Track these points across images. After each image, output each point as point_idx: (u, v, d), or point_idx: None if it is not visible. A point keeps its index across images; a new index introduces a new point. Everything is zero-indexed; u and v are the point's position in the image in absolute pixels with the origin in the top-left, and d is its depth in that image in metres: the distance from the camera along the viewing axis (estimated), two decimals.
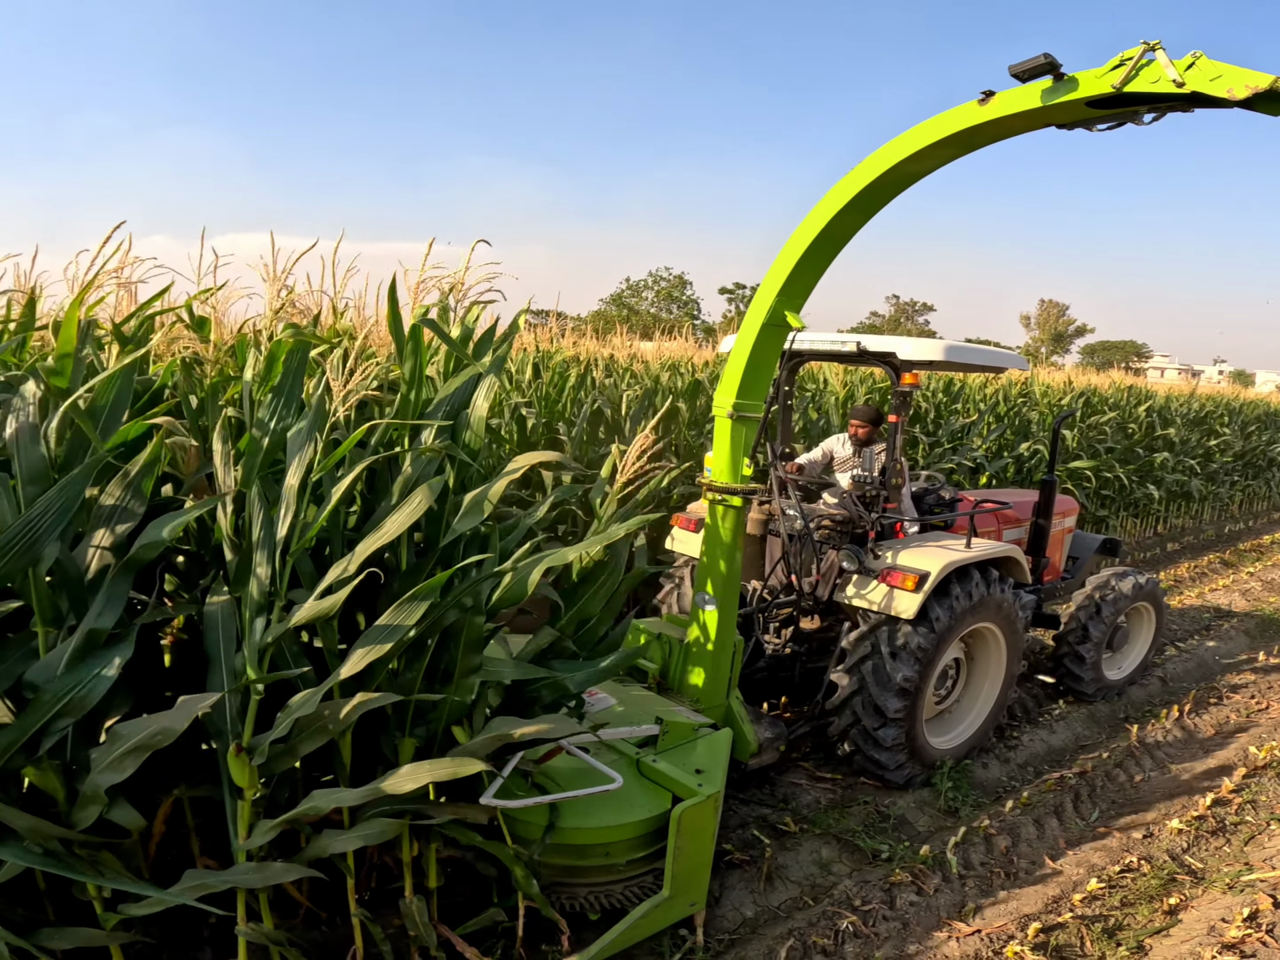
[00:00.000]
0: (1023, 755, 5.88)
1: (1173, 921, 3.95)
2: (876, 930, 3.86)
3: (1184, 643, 8.49)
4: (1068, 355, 72.74)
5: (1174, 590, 10.55)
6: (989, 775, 5.57)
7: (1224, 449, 15.07)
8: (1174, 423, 13.99)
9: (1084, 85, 3.24)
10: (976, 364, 5.50)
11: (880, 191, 3.97)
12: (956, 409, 10.97)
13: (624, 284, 62.01)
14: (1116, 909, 4.05)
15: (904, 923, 3.93)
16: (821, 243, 4.10)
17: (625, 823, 3.55)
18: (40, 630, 2.45)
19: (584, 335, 11.74)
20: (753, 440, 4.44)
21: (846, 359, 5.64)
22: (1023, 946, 3.64)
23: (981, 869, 4.41)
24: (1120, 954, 3.72)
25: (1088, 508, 11.71)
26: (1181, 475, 13.57)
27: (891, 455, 5.19)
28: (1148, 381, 18.08)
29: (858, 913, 3.93)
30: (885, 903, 4.05)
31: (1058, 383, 14.02)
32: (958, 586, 4.90)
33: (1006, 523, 6.51)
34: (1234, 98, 2.93)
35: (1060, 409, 12.12)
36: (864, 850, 4.57)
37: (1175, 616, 9.31)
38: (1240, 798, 5.12)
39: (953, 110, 3.65)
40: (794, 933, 3.80)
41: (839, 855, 4.56)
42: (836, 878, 4.36)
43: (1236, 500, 16.14)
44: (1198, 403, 15.44)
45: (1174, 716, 6.47)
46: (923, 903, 4.09)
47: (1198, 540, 13.79)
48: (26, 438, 2.30)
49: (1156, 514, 13.72)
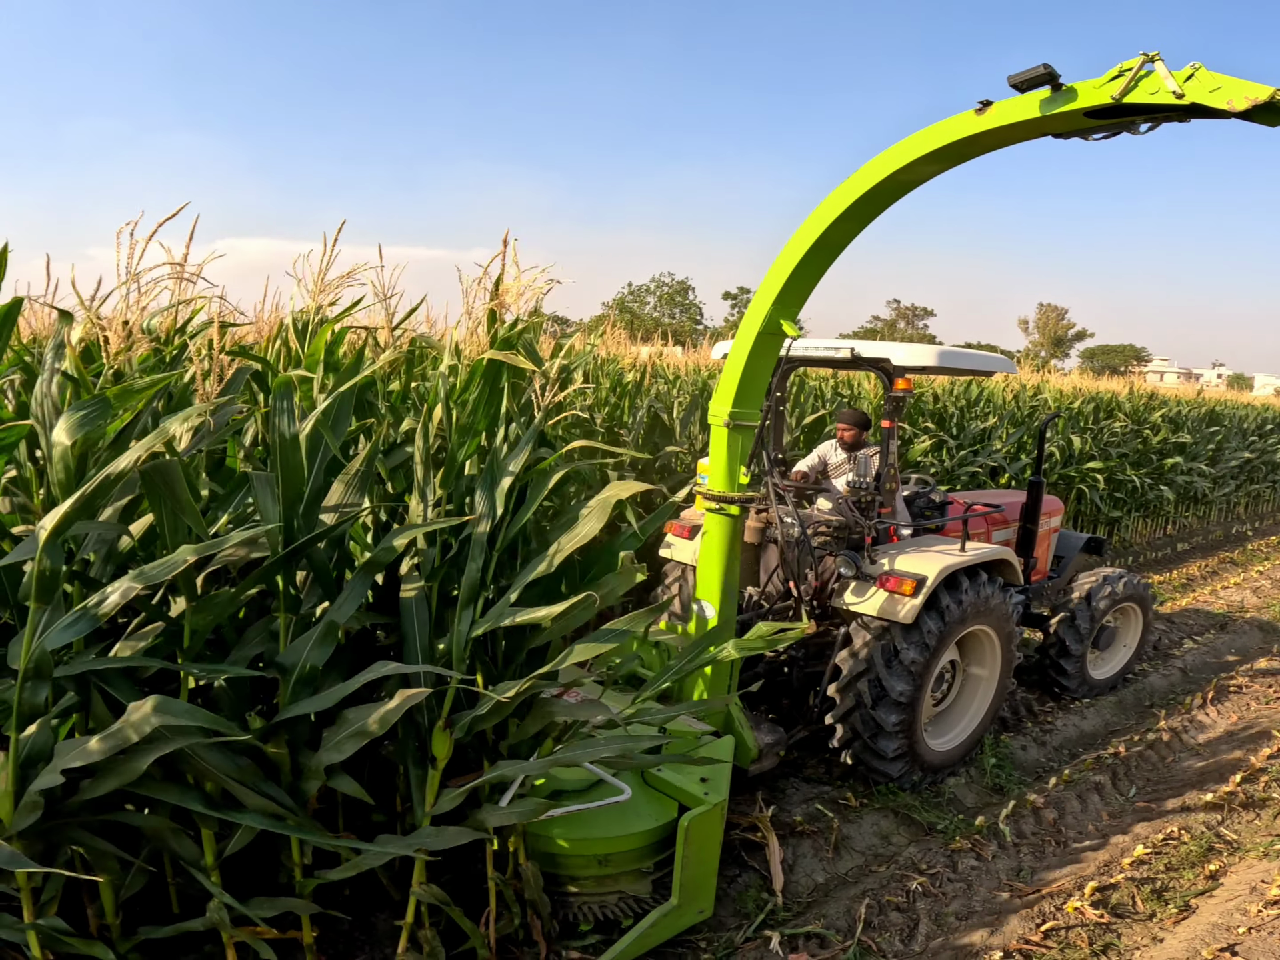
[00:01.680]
0: (1057, 739, 6.21)
1: (1215, 884, 4.27)
2: (943, 890, 4.19)
3: (1200, 636, 8.83)
4: (1067, 360, 73.24)
5: (1187, 588, 10.90)
6: (1028, 757, 5.90)
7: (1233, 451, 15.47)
8: (1184, 426, 14.37)
9: (1083, 96, 3.25)
10: (968, 368, 5.58)
11: (876, 199, 3.95)
12: (976, 413, 11.32)
13: (627, 288, 62.57)
14: (1162, 873, 4.37)
15: (968, 884, 4.25)
16: (817, 250, 4.08)
17: (633, 832, 3.58)
18: (281, 617, 2.76)
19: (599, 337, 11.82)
20: (749, 448, 4.45)
21: (840, 364, 5.66)
22: (1082, 903, 3.96)
23: (1033, 838, 4.74)
24: (1169, 911, 4.05)
25: (1101, 509, 12.08)
26: (1193, 478, 13.95)
27: (885, 460, 5.21)
28: (1147, 385, 18.45)
29: (925, 875, 4.26)
30: (948, 867, 4.38)
31: (1068, 388, 14.38)
32: (954, 590, 4.93)
33: (994, 524, 6.56)
34: (1234, 109, 2.94)
35: (1073, 412, 12.47)
36: (920, 823, 4.89)
37: (1190, 612, 9.66)
38: (1267, 775, 5.45)
39: (949, 119, 3.64)
40: (868, 893, 4.13)
41: (897, 828, 4.89)
42: (898, 847, 4.69)
43: (1242, 502, 16.53)
44: (1205, 407, 15.83)
45: (1198, 703, 6.81)
46: (983, 867, 4.42)
47: (1206, 540, 14.17)
48: (288, 444, 2.60)
49: (1166, 515, 14.09)
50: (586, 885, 3.60)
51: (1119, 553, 12.78)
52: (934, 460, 9.56)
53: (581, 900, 3.60)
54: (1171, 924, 3.96)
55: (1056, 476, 11.42)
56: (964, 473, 9.98)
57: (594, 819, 3.57)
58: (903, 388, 5.12)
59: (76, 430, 2.18)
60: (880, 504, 5.17)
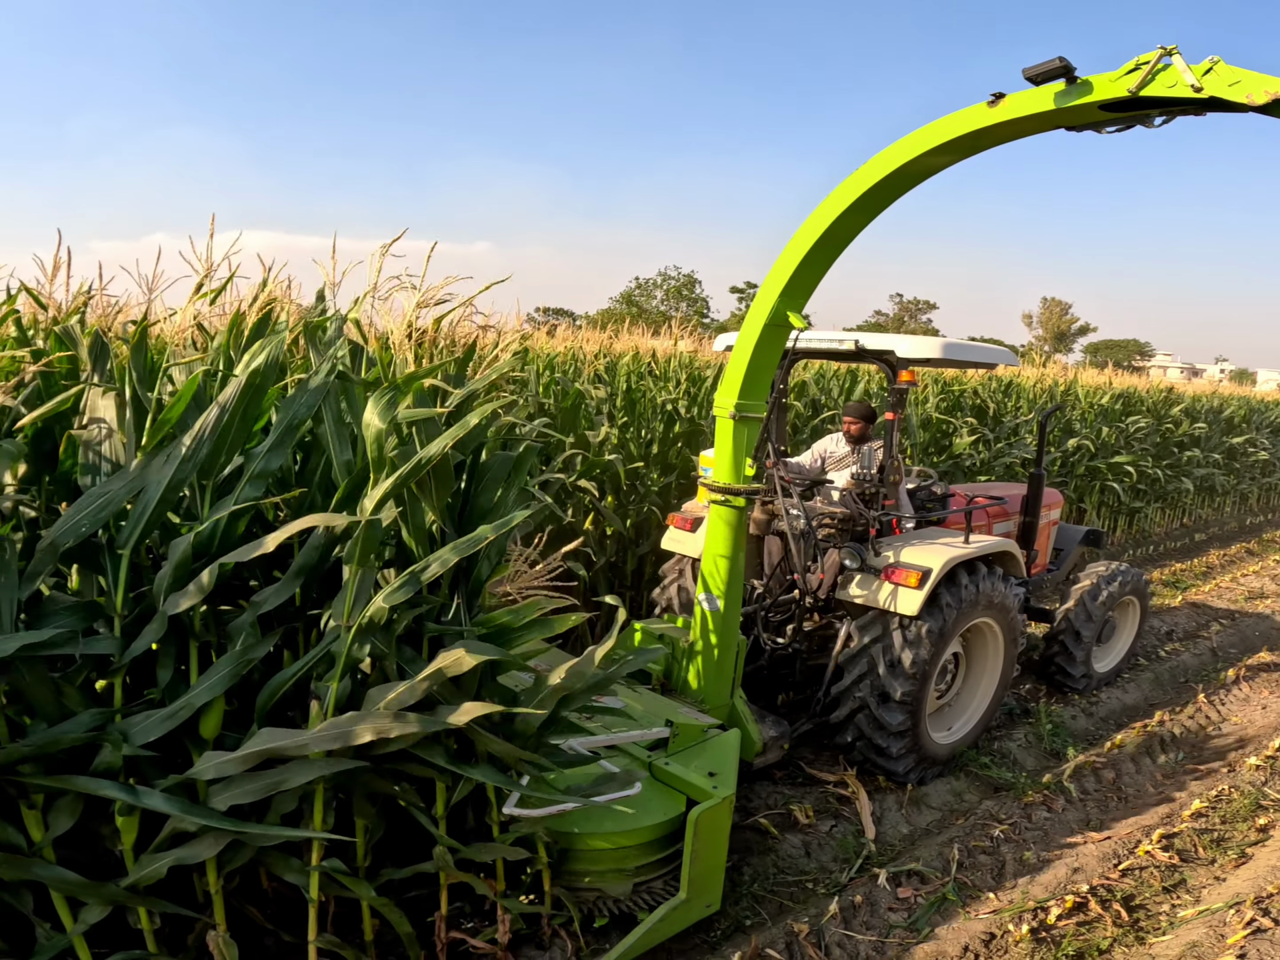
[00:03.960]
0: (1104, 710, 6.64)
1: (1265, 837, 4.70)
2: (1023, 837, 4.61)
3: (1226, 619, 9.26)
4: (1070, 354, 73.63)
5: (1208, 575, 11.33)
6: (1078, 725, 6.32)
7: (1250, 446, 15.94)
8: (1201, 418, 14.81)
9: (1099, 89, 3.20)
10: (971, 360, 5.53)
11: (885, 192, 3.92)
12: (1008, 407, 11.74)
13: (634, 282, 62.88)
14: (1219, 825, 4.80)
15: (1044, 831, 4.68)
16: (824, 243, 4.04)
17: (642, 826, 3.52)
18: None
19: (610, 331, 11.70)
20: (755, 440, 4.41)
21: (844, 357, 5.62)
22: (1151, 847, 4.39)
23: (1096, 794, 5.17)
24: (1229, 857, 4.47)
25: (1123, 499, 12.50)
26: (1211, 470, 14.40)
27: (889, 453, 5.17)
28: (1150, 380, 18.85)
29: (1004, 824, 4.68)
30: (1023, 817, 4.80)
31: (1090, 383, 14.80)
32: (958, 582, 4.92)
33: (995, 517, 6.53)
34: (1253, 103, 2.90)
35: (1101, 407, 12.89)
36: (989, 781, 5.32)
37: (1214, 597, 10.09)
38: None
39: (961, 111, 3.59)
40: (954, 840, 4.55)
41: (969, 786, 5.31)
42: (971, 803, 5.11)
43: (1255, 495, 16.99)
44: (1218, 401, 16.28)
45: (1231, 679, 7.24)
46: (1055, 818, 4.84)
47: (1223, 531, 14.63)
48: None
49: (1184, 506, 14.54)
50: (609, 880, 3.54)
51: (1139, 542, 13.23)
52: (973, 452, 9.98)
53: (598, 896, 3.54)
54: (1232, 867, 4.38)
55: (1084, 469, 11.84)
56: (1000, 464, 10.40)
57: (603, 813, 3.51)
58: (906, 380, 5.07)
59: (384, 415, 2.55)
60: (884, 496, 5.17)
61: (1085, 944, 3.67)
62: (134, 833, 2.49)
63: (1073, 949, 3.61)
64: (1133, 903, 4.00)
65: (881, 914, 3.90)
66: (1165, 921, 3.92)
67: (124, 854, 2.51)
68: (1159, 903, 4.08)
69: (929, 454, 9.69)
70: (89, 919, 2.43)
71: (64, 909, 2.46)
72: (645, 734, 3.90)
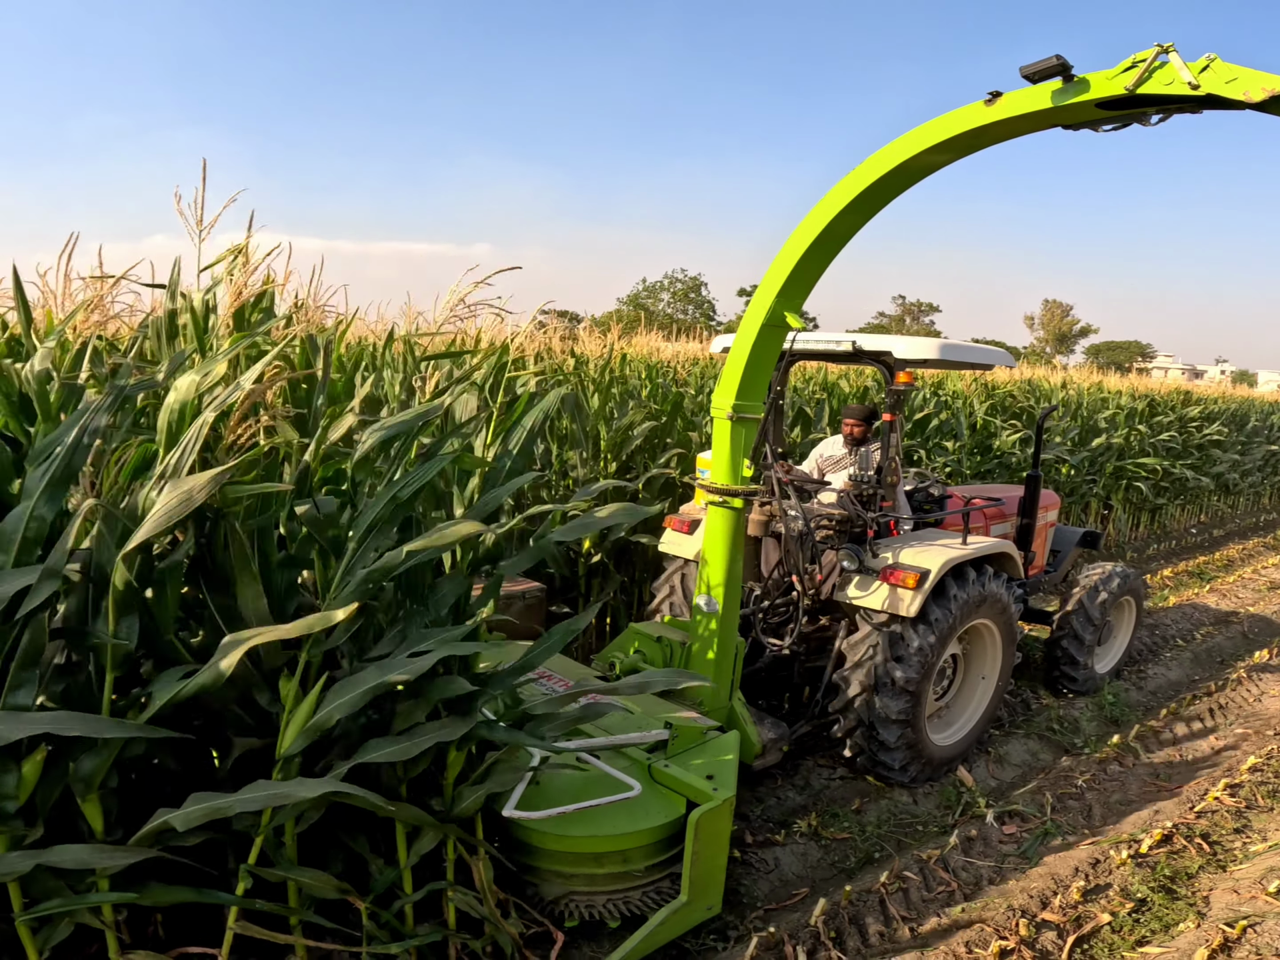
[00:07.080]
0: (1152, 685, 7.25)
1: None
2: (1103, 786, 5.20)
3: (1253, 606, 9.88)
4: (1071, 356, 74.34)
5: (1229, 568, 11.96)
6: (1131, 698, 6.91)
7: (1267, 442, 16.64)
8: (1219, 418, 15.47)
9: (1096, 87, 3.19)
10: (969, 362, 5.56)
11: (883, 190, 3.91)
12: (1039, 407, 12.34)
13: (640, 285, 63.54)
14: (1273, 778, 5.38)
15: (1121, 782, 5.27)
16: (822, 242, 4.03)
17: (642, 829, 3.47)
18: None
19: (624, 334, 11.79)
20: (752, 441, 4.39)
21: (842, 358, 5.61)
22: (1219, 794, 4.97)
23: (1160, 753, 5.76)
24: None
25: (1148, 496, 13.12)
26: (1227, 469, 15.05)
27: (887, 454, 5.17)
28: (1151, 381, 19.47)
29: (1084, 775, 5.27)
30: (1100, 770, 5.38)
31: (1112, 386, 15.44)
32: (957, 584, 4.91)
33: (992, 518, 6.54)
34: (1250, 100, 2.88)
35: (1129, 410, 13.50)
36: (1060, 744, 5.91)
37: (1238, 587, 10.70)
38: None
39: (958, 110, 3.58)
40: (1042, 789, 5.13)
41: (1041, 748, 5.90)
42: (1047, 762, 5.70)
43: (1268, 492, 17.66)
44: (1235, 404, 16.95)
45: (1265, 657, 7.86)
46: (1126, 773, 5.43)
47: (1240, 527, 15.28)
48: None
49: (1202, 503, 15.18)
50: (602, 884, 3.48)
51: (1159, 538, 13.85)
52: (1017, 451, 10.56)
53: (605, 899, 3.51)
54: None
55: (1113, 468, 12.45)
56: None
57: (602, 816, 3.45)
58: (904, 381, 5.06)
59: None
60: (882, 497, 5.17)
61: (1176, 869, 4.24)
62: (460, 766, 3.00)
63: (1168, 871, 4.19)
64: (1210, 839, 4.57)
65: (994, 845, 4.48)
66: (1240, 854, 4.50)
67: (444, 788, 3.00)
68: (1231, 840, 4.66)
69: (973, 455, 10.28)
70: (421, 849, 2.93)
71: (402, 843, 2.93)
72: (644, 736, 3.87)
